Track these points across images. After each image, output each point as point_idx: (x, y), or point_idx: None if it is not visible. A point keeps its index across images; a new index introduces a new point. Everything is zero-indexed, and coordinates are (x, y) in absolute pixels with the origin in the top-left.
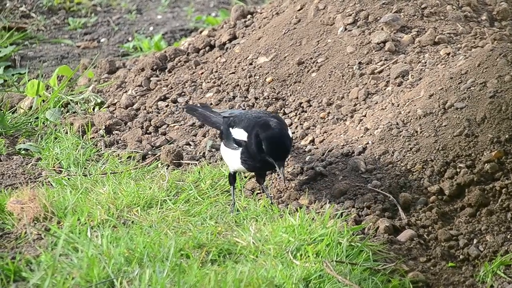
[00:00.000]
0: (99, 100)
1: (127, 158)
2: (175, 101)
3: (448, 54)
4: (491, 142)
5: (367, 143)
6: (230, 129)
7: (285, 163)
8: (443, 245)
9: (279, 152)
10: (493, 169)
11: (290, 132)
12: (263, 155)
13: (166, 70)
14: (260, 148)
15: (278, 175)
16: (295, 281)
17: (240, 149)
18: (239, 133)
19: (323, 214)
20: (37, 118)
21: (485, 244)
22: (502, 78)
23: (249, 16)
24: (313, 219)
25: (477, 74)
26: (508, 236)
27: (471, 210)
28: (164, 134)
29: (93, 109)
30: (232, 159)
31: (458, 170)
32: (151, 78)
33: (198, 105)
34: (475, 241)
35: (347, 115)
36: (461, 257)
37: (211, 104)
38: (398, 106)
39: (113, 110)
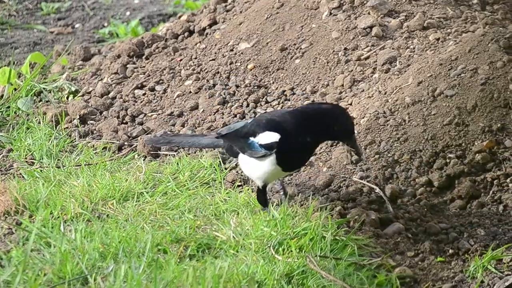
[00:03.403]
0: (73, 89)
1: (102, 149)
2: (152, 89)
3: (438, 39)
4: (482, 131)
5: None
6: (252, 138)
7: None
8: (432, 239)
9: (351, 122)
10: (485, 159)
11: None
12: (333, 131)
13: (143, 57)
14: (321, 129)
15: (353, 150)
16: (277, 277)
17: (273, 154)
18: (267, 137)
19: (306, 207)
20: (8, 107)
21: (476, 238)
22: (494, 64)
23: (230, 0)
24: (296, 212)
25: (467, 60)
26: (500, 230)
27: (461, 202)
28: (141, 123)
29: (67, 97)
30: (263, 166)
31: (447, 160)
32: (128, 65)
33: (165, 134)
34: (465, 234)
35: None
36: (450, 251)
37: (190, 92)
38: (385, 94)
39: (88, 99)
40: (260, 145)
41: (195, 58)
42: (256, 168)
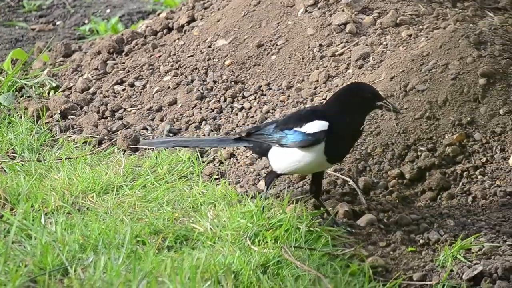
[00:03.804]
0: (54, 84)
1: (82, 143)
2: (132, 85)
3: (410, 35)
4: (452, 125)
5: None
6: (297, 129)
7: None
8: (403, 230)
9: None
10: (455, 152)
11: None
12: (373, 104)
13: (123, 53)
14: (363, 103)
15: (390, 109)
16: (253, 267)
17: (322, 142)
18: (315, 125)
19: (282, 199)
20: None
21: (446, 228)
22: (464, 59)
23: None
24: (271, 204)
25: (439, 56)
26: (469, 220)
27: (432, 194)
28: (120, 118)
29: (48, 93)
30: (307, 157)
31: (419, 153)
32: (108, 62)
33: (175, 137)
34: (435, 225)
35: (307, 98)
36: (421, 241)
37: (169, 87)
38: None
39: (69, 94)
40: (307, 134)
41: (174, 54)
42: (298, 159)
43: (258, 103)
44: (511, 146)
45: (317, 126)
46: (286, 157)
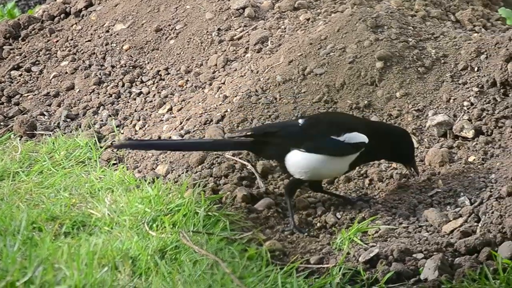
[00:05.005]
0: None
1: None
2: (29, 70)
3: (308, 19)
4: (350, 108)
5: (226, 111)
6: (334, 137)
7: None
8: (300, 213)
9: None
10: None
11: None
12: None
13: (20, 39)
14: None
15: (411, 171)
16: (151, 252)
17: (357, 153)
18: (356, 137)
19: (180, 184)
20: None
21: (343, 212)
22: (362, 43)
23: None
24: (170, 189)
25: (336, 40)
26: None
27: None
28: (17, 104)
29: None
30: (335, 164)
31: None
32: (4, 47)
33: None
34: (332, 208)
35: (205, 82)
36: (318, 224)
37: (66, 72)
38: (257, 73)
39: None
40: (348, 143)
41: (71, 39)
42: (325, 166)
43: (156, 87)
44: (408, 128)
45: (358, 137)
46: (310, 162)
